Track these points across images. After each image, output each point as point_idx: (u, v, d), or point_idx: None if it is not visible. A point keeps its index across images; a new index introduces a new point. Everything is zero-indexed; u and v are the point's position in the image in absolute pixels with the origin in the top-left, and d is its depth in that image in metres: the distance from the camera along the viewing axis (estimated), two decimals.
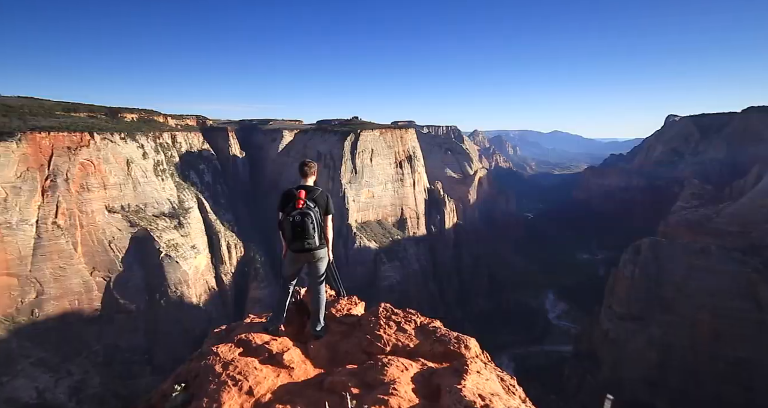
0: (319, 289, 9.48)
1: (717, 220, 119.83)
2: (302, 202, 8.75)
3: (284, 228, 8.71)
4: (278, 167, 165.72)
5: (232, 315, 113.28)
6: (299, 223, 8.59)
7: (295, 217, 8.57)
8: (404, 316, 9.42)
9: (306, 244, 8.78)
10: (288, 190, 9.19)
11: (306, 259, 9.27)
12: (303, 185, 9.38)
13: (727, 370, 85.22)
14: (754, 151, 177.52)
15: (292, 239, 8.76)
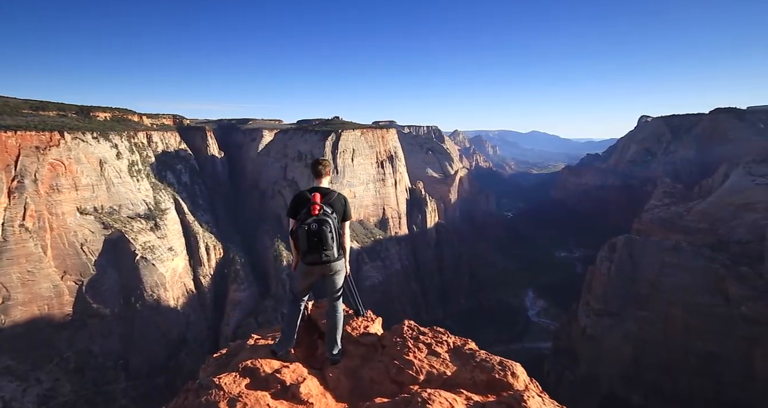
0: (335, 306, 8.46)
1: (687, 217, 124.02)
2: (318, 207, 7.71)
3: (298, 238, 7.66)
4: (258, 167, 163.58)
5: (210, 318, 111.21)
6: (316, 233, 7.55)
7: (311, 226, 7.54)
8: (433, 336, 8.30)
9: (324, 256, 7.71)
10: (300, 193, 8.19)
11: (321, 273, 8.18)
12: (317, 187, 8.34)
13: (698, 364, 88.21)
14: (721, 151, 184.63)
15: (307, 251, 7.67)
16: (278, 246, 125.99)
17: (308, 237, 7.57)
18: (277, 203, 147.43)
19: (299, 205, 7.96)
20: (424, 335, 8.38)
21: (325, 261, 7.83)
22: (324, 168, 8.62)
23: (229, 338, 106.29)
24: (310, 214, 7.66)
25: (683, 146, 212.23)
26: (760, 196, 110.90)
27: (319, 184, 8.50)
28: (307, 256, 7.78)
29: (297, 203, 8.04)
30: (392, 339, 8.32)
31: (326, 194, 8.13)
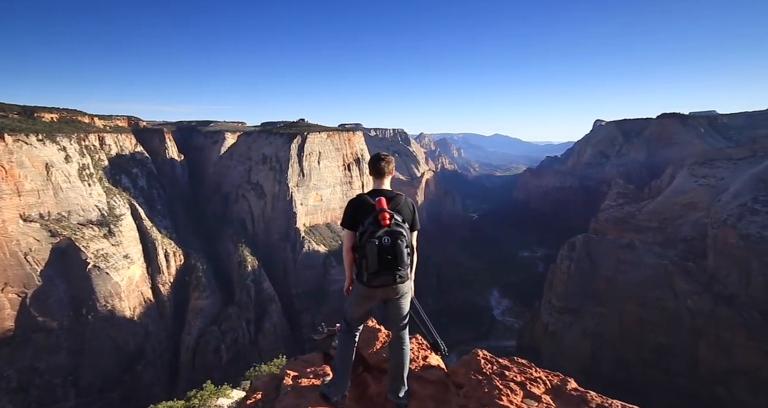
0: (402, 338, 7.07)
1: (639, 217, 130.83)
2: (389, 216, 6.32)
3: (365, 254, 6.20)
4: (221, 170, 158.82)
5: (171, 328, 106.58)
6: (389, 248, 6.15)
7: (384, 240, 6.14)
8: (520, 371, 6.92)
9: (398, 277, 6.39)
10: (359, 197, 6.76)
11: (385, 296, 6.78)
12: (381, 190, 6.91)
13: (650, 356, 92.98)
14: (667, 153, 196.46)
15: (377, 271, 6.25)
16: (242, 251, 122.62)
17: (380, 253, 6.14)
18: (241, 207, 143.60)
19: (361, 213, 6.54)
20: (509, 370, 6.90)
21: (399, 282, 6.51)
22: (387, 165, 7.10)
23: (191, 347, 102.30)
24: (380, 225, 6.25)
25: (634, 149, 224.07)
26: (702, 196, 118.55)
27: (381, 186, 7.04)
28: (376, 277, 6.35)
29: (357, 210, 6.62)
30: (469, 375, 6.88)
31: (392, 198, 6.74)
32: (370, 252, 6.13)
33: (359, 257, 6.40)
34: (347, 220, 6.73)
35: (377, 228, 6.22)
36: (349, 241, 6.74)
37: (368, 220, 6.36)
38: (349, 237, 6.73)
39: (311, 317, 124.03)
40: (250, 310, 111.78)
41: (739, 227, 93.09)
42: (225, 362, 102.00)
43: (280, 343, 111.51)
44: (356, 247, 6.48)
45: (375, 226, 6.25)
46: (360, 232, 6.41)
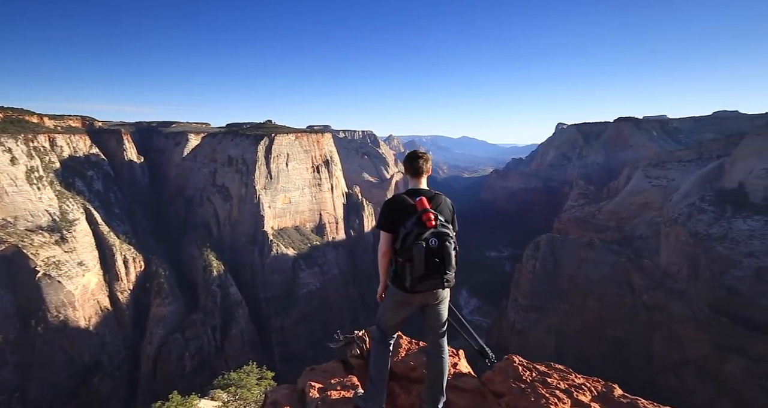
0: (441, 346, 6.85)
1: (599, 216, 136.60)
2: (434, 216, 5.98)
3: (412, 257, 5.82)
4: (184, 173, 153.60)
5: (130, 337, 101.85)
6: (437, 251, 5.84)
7: (431, 242, 5.80)
8: (561, 377, 6.64)
9: (445, 281, 6.07)
10: (397, 198, 6.44)
11: (424, 302, 6.56)
12: (420, 190, 6.61)
13: (609, 349, 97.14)
14: (624, 155, 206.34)
15: (424, 274, 5.89)
16: (208, 255, 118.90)
17: (428, 256, 5.79)
18: (205, 210, 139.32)
19: (400, 214, 6.19)
20: (550, 377, 6.55)
21: (447, 286, 6.21)
22: (425, 163, 6.75)
23: (152, 357, 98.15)
24: (425, 226, 5.90)
25: (593, 151, 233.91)
26: (655, 196, 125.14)
27: (419, 185, 6.71)
28: (422, 282, 5.98)
29: (396, 211, 6.26)
30: (509, 383, 6.54)
31: (432, 198, 6.46)
32: (417, 255, 5.77)
33: (403, 261, 6.00)
34: (384, 221, 6.36)
35: (423, 229, 5.87)
36: (386, 244, 6.39)
37: (410, 221, 6.00)
38: (386, 240, 6.38)
39: (280, 322, 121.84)
40: (216, 316, 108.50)
41: (688, 225, 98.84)
42: (189, 371, 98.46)
43: (248, 349, 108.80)
44: (399, 250, 6.03)
45: (420, 227, 5.90)
46: (403, 234, 5.99)
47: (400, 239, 6.05)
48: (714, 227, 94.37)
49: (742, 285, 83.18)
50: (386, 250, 6.41)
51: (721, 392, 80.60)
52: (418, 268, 5.84)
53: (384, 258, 6.47)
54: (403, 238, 5.97)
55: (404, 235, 5.97)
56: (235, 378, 19.55)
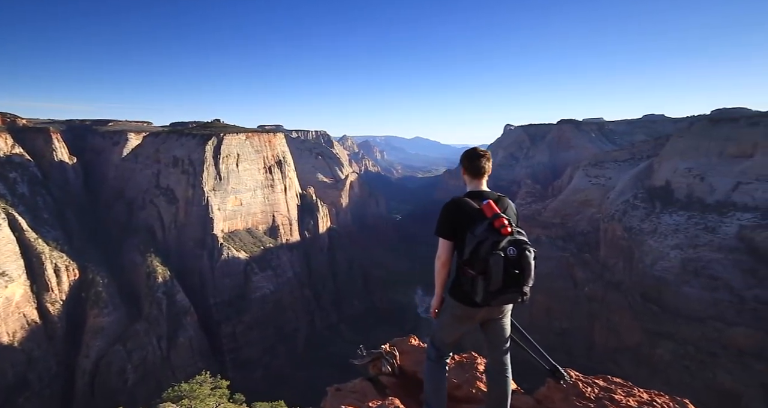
0: (504, 363, 6.36)
1: (545, 214, 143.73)
2: (507, 222, 5.33)
3: (488, 269, 5.14)
4: (124, 174, 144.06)
5: (62, 352, 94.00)
6: (517, 261, 5.18)
7: (509, 251, 5.16)
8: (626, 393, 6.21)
9: (523, 295, 5.40)
10: (458, 201, 5.83)
11: (488, 316, 6.08)
12: (483, 192, 6.07)
13: (555, 340, 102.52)
14: (566, 156, 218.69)
15: (501, 288, 5.22)
16: (152, 261, 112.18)
17: (506, 267, 5.12)
18: (149, 214, 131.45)
19: (464, 219, 5.59)
20: (615, 393, 6.09)
21: (524, 301, 5.52)
22: (488, 163, 6.18)
23: (89, 371, 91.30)
24: (500, 233, 5.24)
25: (539, 152, 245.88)
26: (595, 194, 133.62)
27: (480, 187, 6.14)
28: (498, 296, 5.30)
29: (459, 216, 5.66)
30: (571, 401, 6.01)
31: (498, 201, 5.89)
32: (495, 266, 5.09)
33: (476, 273, 5.27)
34: (445, 227, 5.75)
35: (498, 237, 5.21)
36: (446, 253, 5.84)
37: (480, 227, 5.35)
38: (446, 249, 5.82)
39: (232, 327, 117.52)
40: (162, 324, 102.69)
41: (623, 221, 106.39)
42: (131, 384, 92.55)
43: (197, 357, 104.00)
44: (470, 260, 5.33)
45: (495, 235, 5.23)
46: (473, 242, 5.31)
47: (469, 248, 5.38)
48: (645, 222, 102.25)
49: (669, 275, 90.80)
50: (446, 260, 5.91)
51: (653, 375, 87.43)
52: (495, 280, 5.14)
53: (444, 269, 5.94)
54: (475, 248, 5.29)
55: (475, 243, 5.29)
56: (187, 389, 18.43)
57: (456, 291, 5.82)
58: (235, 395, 20.12)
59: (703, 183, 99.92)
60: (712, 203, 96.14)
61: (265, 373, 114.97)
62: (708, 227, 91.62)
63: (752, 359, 72.35)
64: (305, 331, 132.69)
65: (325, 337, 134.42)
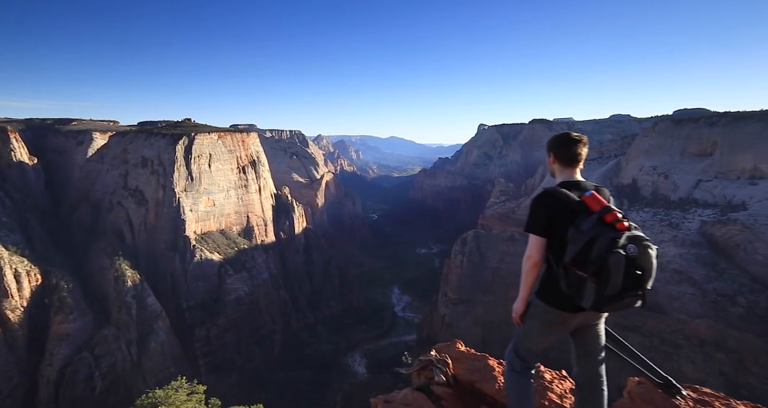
0: (599, 374, 5.75)
1: (518, 212, 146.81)
2: (621, 216, 4.77)
3: (606, 270, 4.45)
4: (89, 175, 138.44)
5: (24, 360, 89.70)
6: (638, 260, 4.51)
7: (629, 249, 4.49)
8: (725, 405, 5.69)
9: (643, 299, 4.70)
10: (553, 193, 5.23)
11: (583, 322, 5.49)
12: (580, 182, 5.45)
13: None
14: (538, 154, 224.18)
15: (620, 291, 4.53)
16: (120, 265, 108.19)
17: (628, 267, 4.45)
18: (116, 216, 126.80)
19: (564, 213, 4.97)
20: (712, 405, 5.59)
21: (641, 306, 4.76)
22: (584, 148, 5.54)
23: (53, 380, 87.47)
24: (615, 229, 4.63)
25: (512, 151, 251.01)
26: None
27: (574, 176, 5.52)
28: (614, 301, 4.61)
29: (556, 209, 5.05)
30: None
31: (600, 191, 5.32)
32: (616, 267, 4.42)
33: (589, 274, 4.58)
34: (538, 223, 5.14)
35: (615, 233, 4.58)
36: (539, 251, 5.24)
37: (587, 223, 4.72)
38: (539, 246, 5.21)
39: (206, 331, 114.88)
40: (132, 329, 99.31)
41: None
42: (100, 392, 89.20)
43: (170, 362, 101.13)
44: (578, 261, 4.66)
45: (609, 230, 4.61)
46: (581, 239, 4.66)
47: (575, 247, 4.72)
48: None
49: None
50: (538, 260, 5.30)
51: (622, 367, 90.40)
52: (613, 283, 4.46)
53: (535, 269, 5.35)
54: (586, 246, 4.63)
55: (585, 241, 4.63)
56: (162, 396, 17.79)
57: (548, 294, 5.27)
58: (210, 400, 19.67)
59: (667, 181, 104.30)
60: (676, 200, 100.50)
61: (241, 376, 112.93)
62: (672, 223, 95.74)
63: (712, 349, 76.07)
64: (281, 332, 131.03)
65: (302, 339, 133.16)
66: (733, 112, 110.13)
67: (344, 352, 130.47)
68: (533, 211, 5.31)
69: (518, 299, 5.72)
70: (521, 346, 5.94)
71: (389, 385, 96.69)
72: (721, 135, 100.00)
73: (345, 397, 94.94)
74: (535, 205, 5.30)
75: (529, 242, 5.38)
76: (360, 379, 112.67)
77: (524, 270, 5.47)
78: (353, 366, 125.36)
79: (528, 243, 5.41)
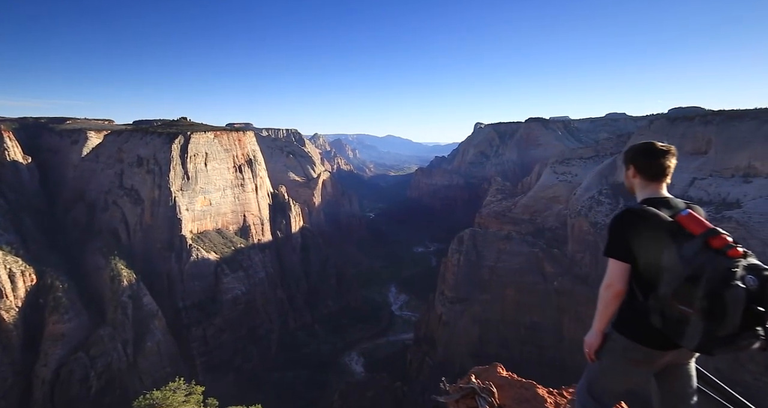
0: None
1: (514, 210, 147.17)
2: (731, 240, 4.03)
3: (721, 305, 3.75)
4: (84, 174, 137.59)
5: (19, 361, 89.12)
6: (759, 295, 3.79)
7: (749, 281, 3.78)
8: None
9: (766, 339, 3.91)
10: (643, 211, 4.56)
11: (674, 360, 4.68)
12: (669, 200, 4.88)
13: (526, 333, 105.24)
14: (534, 153, 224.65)
15: (738, 330, 3.82)
16: (116, 264, 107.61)
17: (748, 302, 3.75)
18: (112, 215, 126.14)
19: (658, 236, 4.30)
20: None
21: (763, 350, 3.98)
22: (674, 159, 5.01)
23: (48, 380, 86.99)
24: (727, 256, 3.90)
25: (508, 149, 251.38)
26: (562, 191, 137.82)
27: (660, 192, 4.98)
28: (728, 343, 3.91)
29: (648, 231, 4.38)
30: None
31: (694, 209, 4.67)
32: (734, 304, 3.71)
33: (695, 311, 3.87)
34: (621, 246, 4.52)
35: (729, 262, 3.84)
36: (622, 279, 4.58)
37: (689, 248, 4.03)
38: (622, 273, 4.55)
39: (202, 330, 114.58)
40: (127, 329, 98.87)
41: (589, 216, 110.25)
42: (95, 392, 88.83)
43: (166, 362, 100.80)
44: (686, 295, 3.93)
45: (721, 259, 3.88)
46: (686, 269, 3.96)
47: (674, 276, 4.07)
48: (610, 218, 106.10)
49: None
50: (621, 289, 4.62)
51: None
52: (731, 322, 3.75)
53: (616, 300, 4.67)
54: (691, 277, 3.92)
55: (690, 270, 3.93)
56: (160, 397, 17.67)
57: (632, 327, 4.59)
58: (207, 400, 19.58)
59: None
60: None
61: (238, 376, 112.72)
62: None
63: None
64: (278, 332, 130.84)
65: (299, 338, 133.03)
66: (727, 111, 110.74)
67: (341, 352, 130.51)
68: (614, 233, 4.68)
69: (592, 332, 5.07)
70: (597, 385, 5.20)
71: (387, 385, 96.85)
72: (715, 133, 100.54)
73: (342, 397, 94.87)
74: (617, 225, 4.66)
75: (609, 268, 4.71)
76: (357, 378, 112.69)
77: (602, 300, 4.79)
78: (351, 365, 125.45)
79: (607, 269, 4.74)
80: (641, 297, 4.46)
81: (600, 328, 4.95)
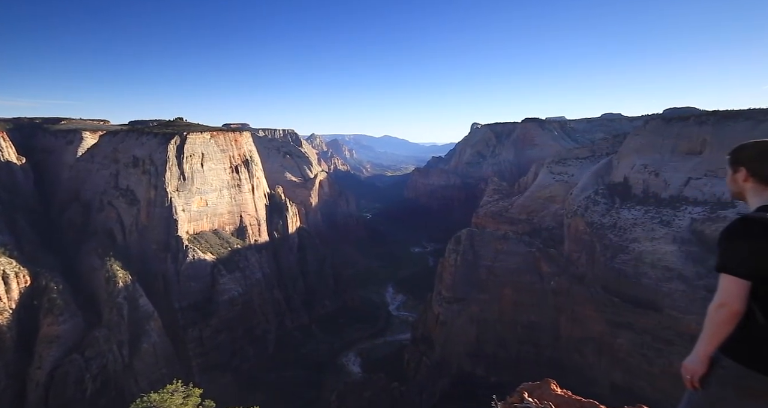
0: None
1: (511, 210, 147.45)
2: None
3: None
4: (79, 175, 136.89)
5: (13, 363, 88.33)
6: None
7: None
8: None
9: None
10: (763, 219, 4.01)
11: None
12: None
13: (523, 332, 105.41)
14: (531, 153, 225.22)
15: None
16: (111, 265, 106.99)
17: None
18: (107, 216, 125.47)
19: None
20: None
21: None
22: None
23: (43, 383, 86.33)
24: None
25: (505, 149, 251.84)
26: (558, 190, 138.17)
27: None
28: None
29: None
30: None
31: None
32: None
33: None
34: (737, 259, 3.96)
35: None
36: (741, 298, 3.97)
37: None
38: (742, 292, 3.96)
39: (199, 331, 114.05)
40: (123, 330, 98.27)
41: (585, 216, 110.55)
42: (91, 394, 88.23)
43: (162, 364, 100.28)
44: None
45: None
46: None
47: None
48: (606, 217, 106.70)
49: (628, 267, 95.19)
50: (739, 309, 4.01)
51: (614, 364, 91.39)
52: None
53: (732, 320, 4.05)
54: None
55: None
56: (157, 399, 17.53)
57: (751, 354, 4.00)
58: (204, 402, 19.45)
59: (658, 178, 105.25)
60: (667, 198, 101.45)
61: (235, 376, 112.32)
62: (663, 221, 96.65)
63: None
64: (275, 332, 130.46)
65: (296, 338, 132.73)
66: (721, 111, 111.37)
67: (339, 352, 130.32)
68: (732, 245, 4.04)
69: (695, 355, 4.35)
70: None
71: (384, 385, 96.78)
72: (710, 133, 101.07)
73: (340, 397, 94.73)
74: (735, 236, 4.03)
75: (723, 285, 4.08)
76: (355, 378, 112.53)
77: (713, 321, 4.18)
78: (348, 365, 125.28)
79: (720, 286, 4.13)
80: (762, 319, 3.94)
81: (707, 352, 4.28)
